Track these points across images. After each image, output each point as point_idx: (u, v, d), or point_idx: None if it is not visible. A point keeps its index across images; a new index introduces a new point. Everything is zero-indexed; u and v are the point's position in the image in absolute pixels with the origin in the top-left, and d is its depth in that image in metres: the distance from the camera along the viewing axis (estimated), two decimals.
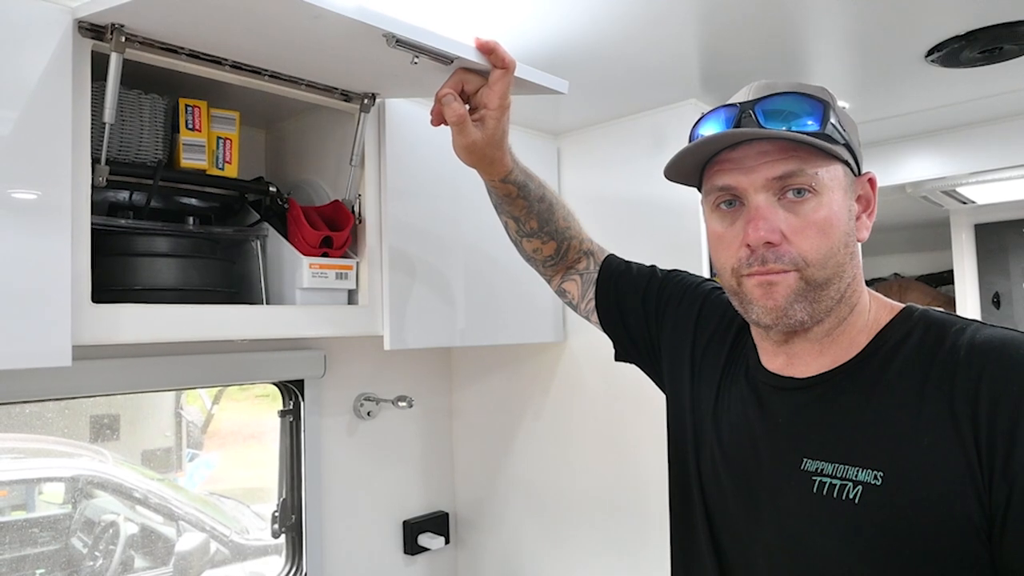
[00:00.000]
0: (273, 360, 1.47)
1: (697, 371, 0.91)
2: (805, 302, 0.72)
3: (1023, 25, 1.12)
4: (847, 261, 0.73)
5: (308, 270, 1.16)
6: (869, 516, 0.67)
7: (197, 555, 1.91)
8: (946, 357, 0.68)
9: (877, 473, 0.67)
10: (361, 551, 1.64)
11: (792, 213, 0.72)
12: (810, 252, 0.71)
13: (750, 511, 0.78)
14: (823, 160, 0.71)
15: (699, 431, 0.87)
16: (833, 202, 0.72)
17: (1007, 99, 1.51)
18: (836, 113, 0.73)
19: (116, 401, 1.88)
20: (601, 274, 1.08)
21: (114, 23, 0.89)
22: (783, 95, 0.73)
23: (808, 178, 0.71)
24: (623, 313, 1.04)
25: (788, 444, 0.76)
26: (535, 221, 1.05)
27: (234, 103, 1.18)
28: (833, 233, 0.72)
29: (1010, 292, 2.68)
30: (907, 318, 0.75)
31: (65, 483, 1.84)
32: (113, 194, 1.08)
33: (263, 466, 1.59)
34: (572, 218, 1.10)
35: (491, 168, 0.99)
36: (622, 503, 1.55)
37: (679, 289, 1.00)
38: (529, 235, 1.07)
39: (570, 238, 1.09)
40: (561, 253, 1.10)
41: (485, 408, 1.83)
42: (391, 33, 0.86)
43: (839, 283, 0.73)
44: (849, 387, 0.73)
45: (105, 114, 0.93)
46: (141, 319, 0.97)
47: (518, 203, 1.04)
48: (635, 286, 1.04)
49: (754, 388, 0.82)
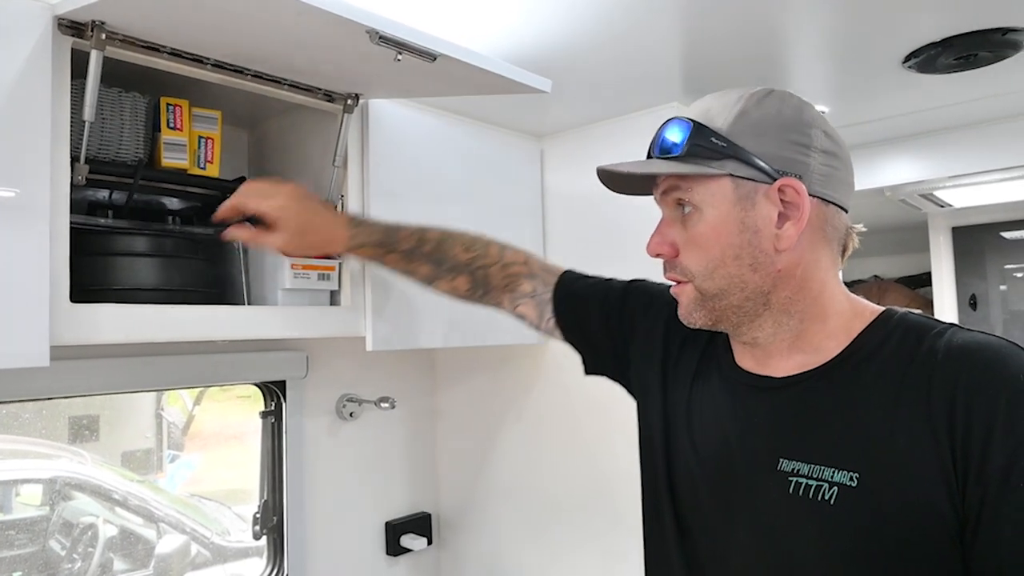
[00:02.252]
0: (255, 361, 1.46)
1: (669, 377, 0.91)
2: (703, 310, 0.78)
3: (997, 33, 1.14)
4: (745, 272, 0.74)
5: (290, 271, 1.16)
6: (844, 517, 0.67)
7: (177, 557, 1.89)
8: (923, 360, 0.69)
9: (853, 474, 0.68)
10: (343, 552, 1.64)
11: (683, 228, 0.78)
12: (692, 265, 0.77)
13: (725, 510, 0.78)
14: (699, 179, 0.75)
15: (670, 435, 0.87)
16: (714, 217, 0.74)
17: (983, 104, 1.54)
18: (718, 127, 0.74)
19: (96, 402, 1.86)
20: (558, 291, 1.07)
21: (94, 20, 0.88)
22: (671, 121, 0.77)
23: (683, 193, 0.76)
24: (586, 326, 1.04)
25: (764, 443, 0.76)
26: (426, 266, 1.08)
27: (216, 102, 1.18)
28: (712, 247, 0.75)
29: (986, 294, 2.73)
30: (886, 321, 0.75)
31: (43, 485, 1.82)
32: (93, 193, 1.07)
33: (245, 467, 1.58)
34: (479, 245, 1.10)
35: (328, 247, 1.06)
36: (605, 504, 1.55)
37: (644, 298, 1.00)
38: (431, 280, 1.10)
39: (484, 266, 1.08)
40: (480, 283, 1.09)
41: (468, 409, 1.83)
42: (374, 29, 0.86)
43: (738, 293, 0.75)
44: (827, 388, 0.74)
45: (85, 112, 0.93)
46: (121, 319, 0.96)
47: (389, 259, 1.08)
48: (596, 299, 1.04)
49: (730, 386, 0.82)
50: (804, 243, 0.74)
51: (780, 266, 0.74)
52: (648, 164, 0.78)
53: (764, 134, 0.74)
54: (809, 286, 0.76)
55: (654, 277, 1.43)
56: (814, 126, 0.75)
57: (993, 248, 2.72)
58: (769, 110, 0.74)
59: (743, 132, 0.73)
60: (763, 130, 0.74)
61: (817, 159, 0.74)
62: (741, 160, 0.73)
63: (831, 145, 0.76)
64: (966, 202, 2.28)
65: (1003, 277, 2.73)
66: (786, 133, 0.74)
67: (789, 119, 0.74)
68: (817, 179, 0.74)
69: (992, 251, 2.73)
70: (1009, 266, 2.72)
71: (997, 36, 1.15)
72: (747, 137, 0.73)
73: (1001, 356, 0.66)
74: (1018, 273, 2.73)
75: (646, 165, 0.78)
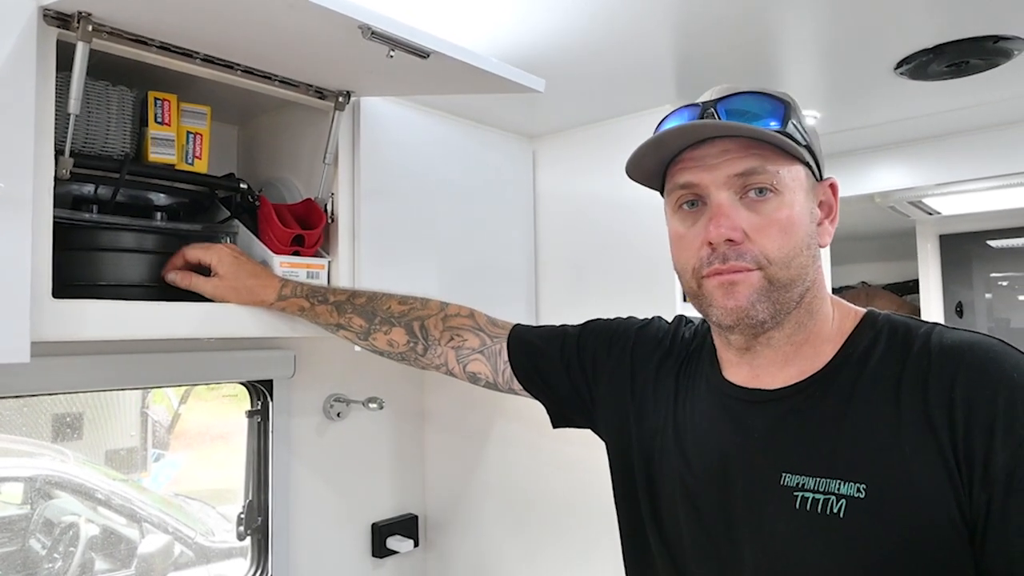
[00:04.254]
0: (241, 360, 1.44)
1: (648, 405, 0.88)
2: (768, 302, 0.71)
3: (989, 40, 1.15)
4: (809, 264, 0.73)
5: (279, 268, 1.15)
6: (855, 530, 0.66)
7: (160, 557, 1.87)
8: (916, 362, 0.68)
9: (860, 485, 0.67)
10: (328, 553, 1.62)
11: (754, 212, 0.71)
12: (772, 250, 0.70)
13: (726, 529, 0.76)
14: (784, 160, 0.71)
15: (651, 467, 0.84)
16: (795, 202, 0.72)
17: (973, 112, 1.55)
18: (797, 116, 0.73)
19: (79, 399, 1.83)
20: (511, 342, 1.03)
21: (81, 11, 0.87)
22: (745, 94, 0.73)
23: (769, 176, 0.70)
24: (545, 376, 1.00)
25: (765, 459, 0.74)
26: (359, 318, 1.08)
27: (205, 97, 1.16)
28: (795, 233, 0.71)
29: (973, 302, 2.75)
30: (872, 324, 0.74)
31: (23, 483, 1.79)
32: (78, 187, 1.05)
33: (230, 467, 1.56)
34: (416, 299, 1.09)
35: (257, 296, 1.08)
36: (593, 507, 1.55)
37: (603, 337, 0.97)
38: (367, 334, 1.09)
39: (421, 317, 1.07)
40: (419, 335, 1.06)
41: (456, 410, 1.82)
42: (366, 25, 0.86)
43: (801, 285, 0.72)
44: (824, 397, 0.72)
45: (70, 105, 0.91)
46: (105, 316, 0.94)
47: (320, 311, 1.09)
48: (553, 347, 1.00)
49: (721, 403, 0.80)
50: None
51: (819, 263, 0.75)
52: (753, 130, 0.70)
53: (813, 132, 0.75)
54: (822, 285, 0.76)
55: (646, 276, 1.44)
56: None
57: (980, 256, 2.75)
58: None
59: (807, 126, 0.74)
60: (811, 128, 0.75)
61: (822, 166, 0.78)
62: (810, 151, 0.73)
63: None
64: (954, 210, 2.29)
65: (989, 285, 2.76)
66: (818, 136, 0.77)
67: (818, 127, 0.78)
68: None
69: (979, 259, 2.76)
70: (995, 274, 2.75)
71: (989, 44, 1.15)
72: (810, 132, 0.74)
73: (994, 354, 0.66)
74: (1003, 281, 2.75)
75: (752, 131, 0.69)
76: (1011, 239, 2.68)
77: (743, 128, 0.70)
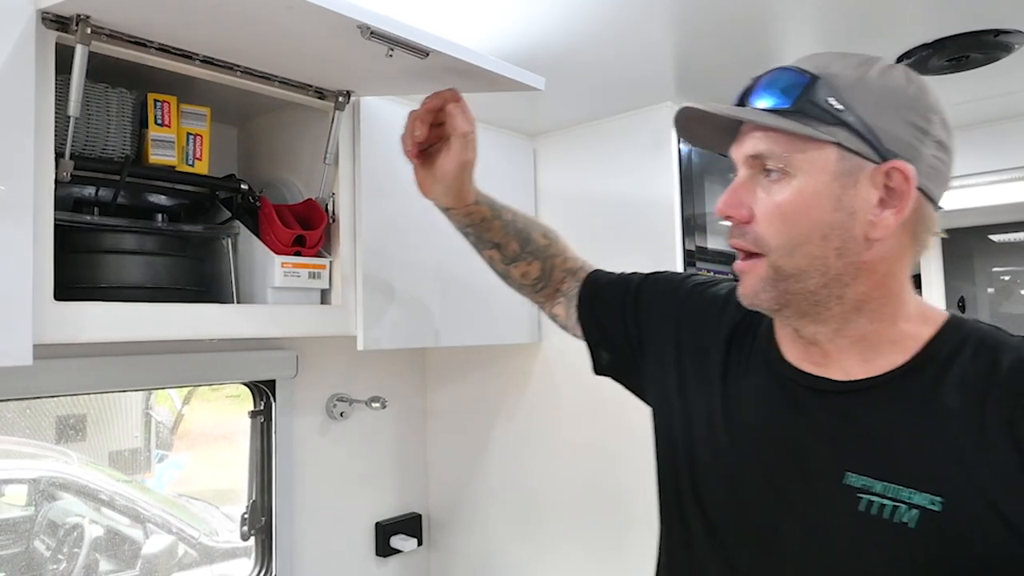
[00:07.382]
0: (244, 360, 1.44)
1: (686, 375, 0.85)
2: (773, 291, 0.70)
3: (990, 34, 1.15)
4: (830, 255, 0.67)
5: (280, 269, 1.15)
6: (925, 542, 0.63)
7: (164, 558, 1.88)
8: (1003, 382, 0.64)
9: (935, 498, 0.63)
10: (332, 553, 1.63)
11: (766, 193, 0.69)
12: (770, 236, 0.69)
13: (772, 516, 0.73)
14: (799, 141, 0.67)
15: (692, 440, 0.81)
16: (808, 187, 0.67)
17: (974, 107, 1.54)
18: (832, 89, 0.66)
19: (83, 401, 1.84)
20: (583, 288, 1.03)
21: (79, 14, 0.86)
22: (777, 70, 0.70)
23: (776, 160, 0.68)
24: (603, 323, 1.00)
25: (829, 454, 0.70)
26: (515, 242, 1.04)
27: (205, 99, 1.16)
28: (799, 220, 0.67)
29: (975, 297, 2.75)
30: (956, 329, 0.70)
31: (27, 485, 1.80)
32: (79, 190, 1.05)
33: (233, 467, 1.57)
34: (552, 235, 1.08)
35: (459, 197, 1.01)
36: (597, 505, 1.55)
37: (660, 289, 0.95)
38: (514, 259, 1.05)
39: (553, 255, 1.06)
40: (547, 273, 1.06)
41: (460, 409, 1.82)
42: (366, 24, 0.85)
43: (816, 277, 0.68)
44: (900, 399, 0.68)
45: (70, 107, 0.91)
46: (107, 318, 0.94)
47: (494, 225, 1.03)
48: (614, 294, 0.99)
49: (782, 384, 0.75)
50: (895, 236, 0.67)
51: (866, 257, 0.67)
52: (747, 112, 0.69)
53: (883, 108, 0.66)
54: (889, 284, 0.69)
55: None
56: (935, 112, 0.68)
57: (981, 251, 2.74)
58: (893, 83, 0.67)
59: (862, 101, 0.66)
60: (883, 103, 0.66)
61: (930, 149, 0.67)
62: (853, 130, 0.65)
63: (946, 137, 0.69)
64: (956, 204, 2.29)
65: (991, 280, 2.75)
66: (906, 112, 0.67)
67: (912, 98, 0.67)
68: (925, 170, 0.67)
69: (980, 254, 2.75)
70: (996, 269, 2.74)
71: (989, 37, 1.15)
72: (865, 107, 0.66)
73: None
74: (1005, 276, 2.75)
75: (749, 113, 0.69)
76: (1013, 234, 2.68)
77: (729, 110, 0.70)
